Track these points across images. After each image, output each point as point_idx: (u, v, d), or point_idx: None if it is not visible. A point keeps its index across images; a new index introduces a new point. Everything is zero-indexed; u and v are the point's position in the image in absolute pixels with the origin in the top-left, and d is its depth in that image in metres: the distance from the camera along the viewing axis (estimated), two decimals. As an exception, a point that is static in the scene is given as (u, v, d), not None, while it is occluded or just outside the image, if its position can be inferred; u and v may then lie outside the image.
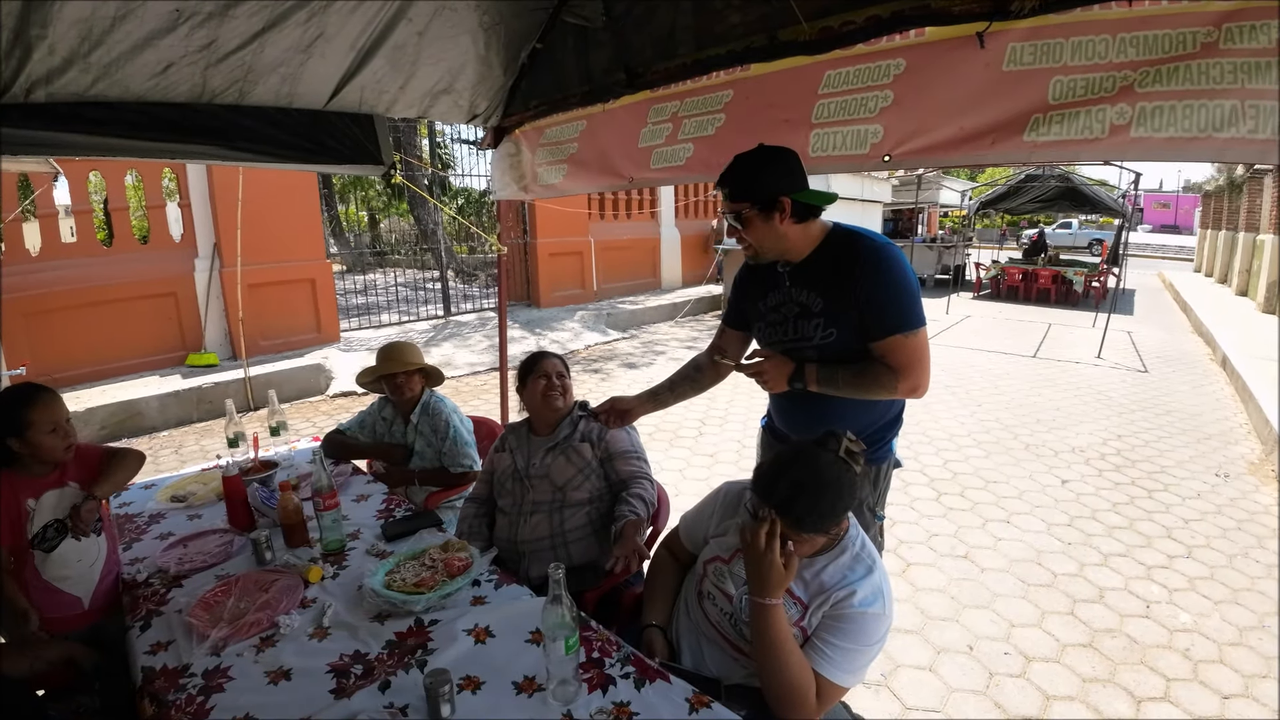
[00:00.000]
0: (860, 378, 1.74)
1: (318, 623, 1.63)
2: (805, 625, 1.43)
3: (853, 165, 1.89)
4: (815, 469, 1.38)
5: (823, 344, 1.77)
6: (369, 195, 21.03)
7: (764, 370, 1.79)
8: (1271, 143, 1.32)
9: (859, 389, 1.76)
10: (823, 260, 1.78)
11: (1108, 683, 2.64)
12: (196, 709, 1.37)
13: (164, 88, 2.16)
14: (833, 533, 1.44)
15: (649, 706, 1.32)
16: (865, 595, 1.40)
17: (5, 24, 1.67)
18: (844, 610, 1.39)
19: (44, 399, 1.83)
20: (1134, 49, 1.47)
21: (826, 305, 1.75)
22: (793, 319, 1.83)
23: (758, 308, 1.95)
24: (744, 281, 2.04)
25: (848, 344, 1.75)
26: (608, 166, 2.57)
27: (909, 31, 1.74)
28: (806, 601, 1.44)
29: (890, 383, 1.72)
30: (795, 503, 1.36)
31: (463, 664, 1.45)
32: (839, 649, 1.38)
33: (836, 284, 1.73)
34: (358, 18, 2.13)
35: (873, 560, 1.46)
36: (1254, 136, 1.33)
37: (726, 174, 1.76)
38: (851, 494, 1.39)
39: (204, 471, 2.67)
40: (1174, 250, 27.23)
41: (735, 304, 2.12)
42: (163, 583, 1.87)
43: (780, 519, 1.35)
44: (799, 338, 1.82)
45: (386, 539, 2.07)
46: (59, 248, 6.59)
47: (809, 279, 1.79)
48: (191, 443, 5.66)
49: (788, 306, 1.84)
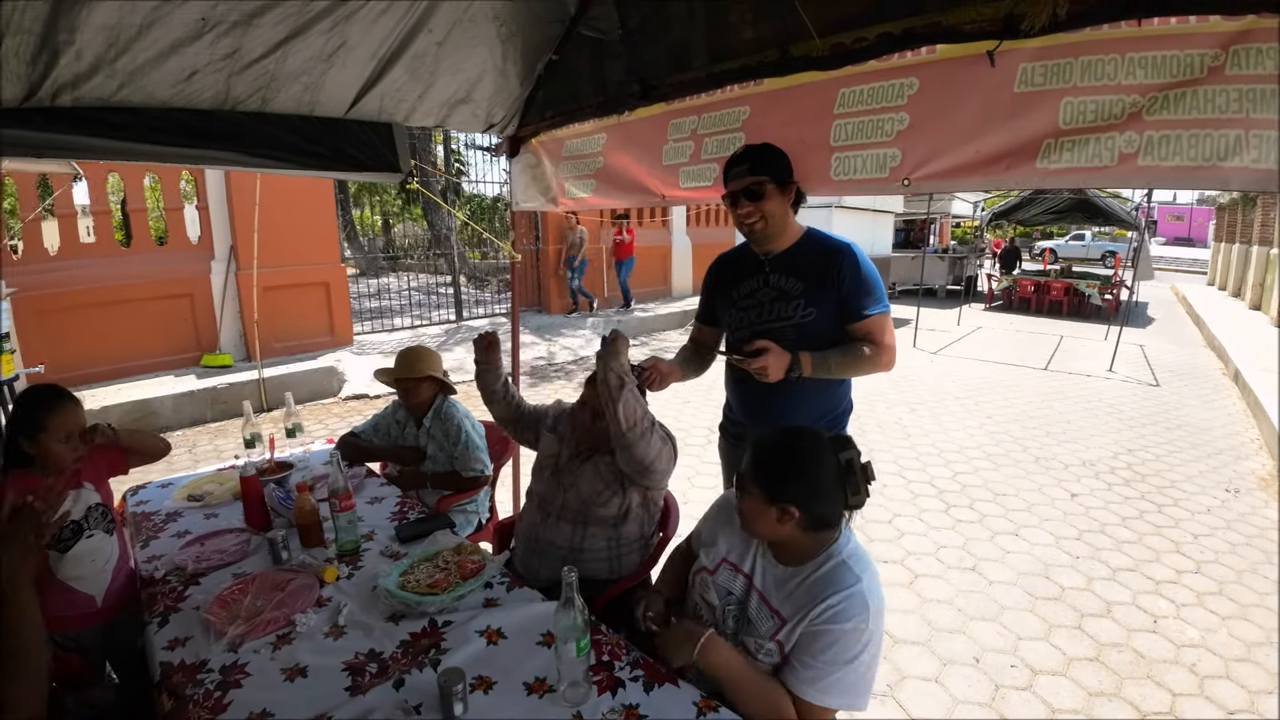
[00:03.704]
0: (848, 357, 1.97)
1: (333, 622, 1.66)
2: (782, 640, 1.39)
3: (875, 189, 1.91)
4: (809, 448, 1.40)
5: (802, 322, 2.01)
6: (383, 199, 21.18)
7: (766, 362, 1.88)
8: (1273, 172, 1.33)
9: (848, 367, 2.00)
10: (803, 252, 2.05)
11: (1114, 697, 2.65)
12: (214, 704, 1.39)
13: (188, 94, 2.18)
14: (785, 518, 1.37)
15: (658, 709, 1.35)
16: (845, 608, 1.33)
17: (32, 29, 1.69)
18: (819, 627, 1.34)
19: (64, 406, 1.84)
20: (1142, 70, 1.49)
21: (807, 289, 2.00)
22: (769, 302, 2.05)
23: (730, 296, 2.16)
24: (714, 277, 2.30)
25: (824, 322, 2.00)
26: (636, 184, 2.60)
27: (921, 49, 1.76)
28: (786, 616, 1.40)
29: (874, 356, 1.98)
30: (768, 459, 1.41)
31: (475, 664, 1.48)
32: (813, 667, 1.33)
33: (818, 273, 1.99)
34: (379, 28, 2.16)
35: (863, 568, 1.40)
36: (1257, 166, 1.34)
37: (747, 151, 1.97)
38: (824, 492, 1.38)
39: (220, 472, 2.72)
40: (1188, 263, 27.03)
41: (706, 301, 2.35)
42: (180, 580, 1.90)
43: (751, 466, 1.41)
44: (776, 318, 2.04)
45: (400, 541, 2.10)
46: (77, 247, 6.68)
47: (790, 267, 2.04)
48: (205, 442, 5.72)
49: (764, 292, 2.07)
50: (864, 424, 6.06)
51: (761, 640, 1.41)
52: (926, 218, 17.38)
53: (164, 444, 2.19)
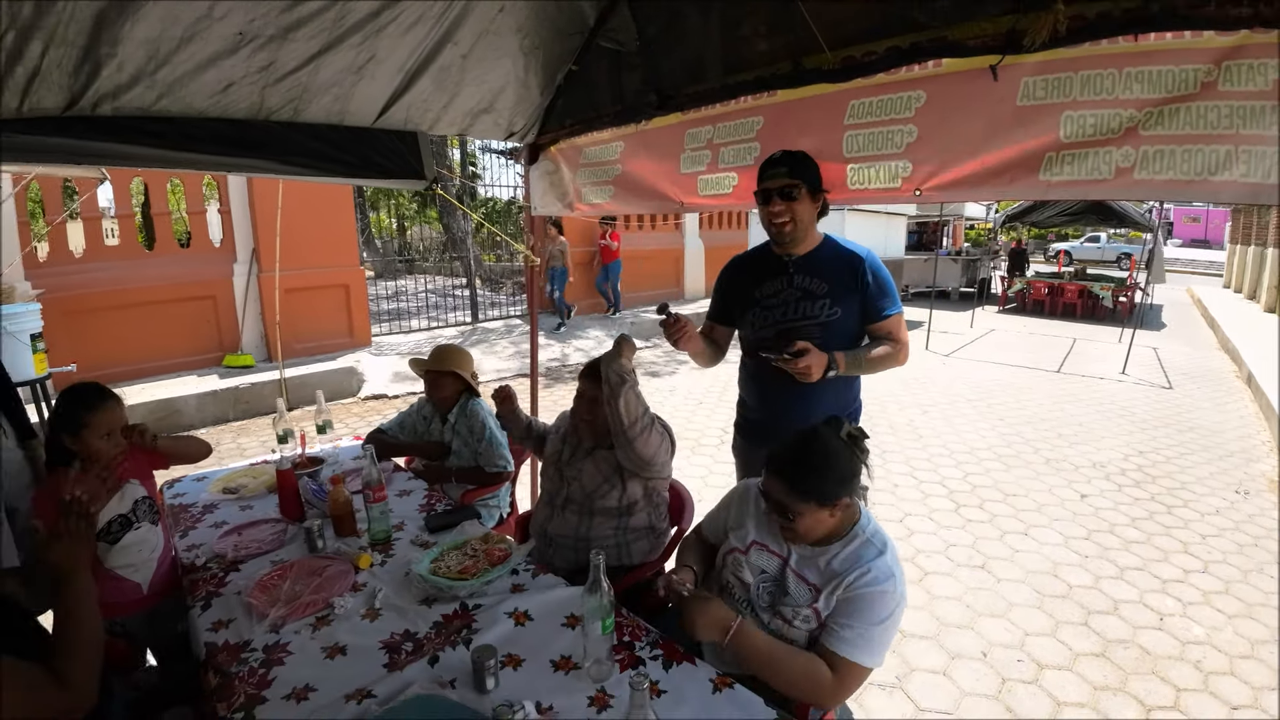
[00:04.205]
0: (875, 354, 2.14)
1: (369, 605, 1.76)
2: (819, 608, 1.54)
3: (888, 198, 2.00)
4: (824, 446, 1.54)
5: (828, 320, 2.14)
6: (399, 203, 21.38)
7: (810, 362, 2.00)
8: (1261, 185, 1.39)
9: (875, 364, 2.15)
10: (827, 256, 2.19)
11: (1119, 691, 2.69)
12: (259, 680, 1.49)
13: (224, 105, 2.28)
14: (836, 509, 1.53)
15: (675, 686, 1.43)
16: (875, 575, 1.50)
17: (76, 42, 1.77)
18: (855, 592, 1.50)
19: (105, 404, 1.92)
20: (1139, 85, 1.55)
21: (831, 289, 2.14)
22: (794, 301, 2.17)
23: (751, 296, 2.27)
24: (729, 278, 2.42)
25: (847, 321, 2.16)
26: (655, 191, 2.69)
27: (927, 63, 1.84)
28: (821, 586, 1.55)
29: (895, 353, 2.17)
30: (801, 473, 1.51)
31: (504, 643, 1.57)
32: (851, 629, 1.47)
33: (842, 275, 2.14)
34: (407, 41, 2.26)
35: (884, 544, 1.57)
36: (1245, 180, 1.40)
37: (785, 156, 2.07)
38: (854, 472, 1.54)
39: (252, 466, 2.84)
40: (1204, 265, 26.80)
41: (720, 301, 2.47)
42: (220, 567, 2.01)
43: (790, 491, 1.51)
44: (802, 316, 2.16)
45: (430, 531, 2.20)
46: (102, 250, 6.84)
47: (814, 269, 2.17)
48: (228, 440, 5.86)
49: (788, 292, 2.19)
50: (876, 425, 6.10)
51: (800, 608, 1.56)
52: (939, 220, 17.35)
53: (205, 447, 2.25)
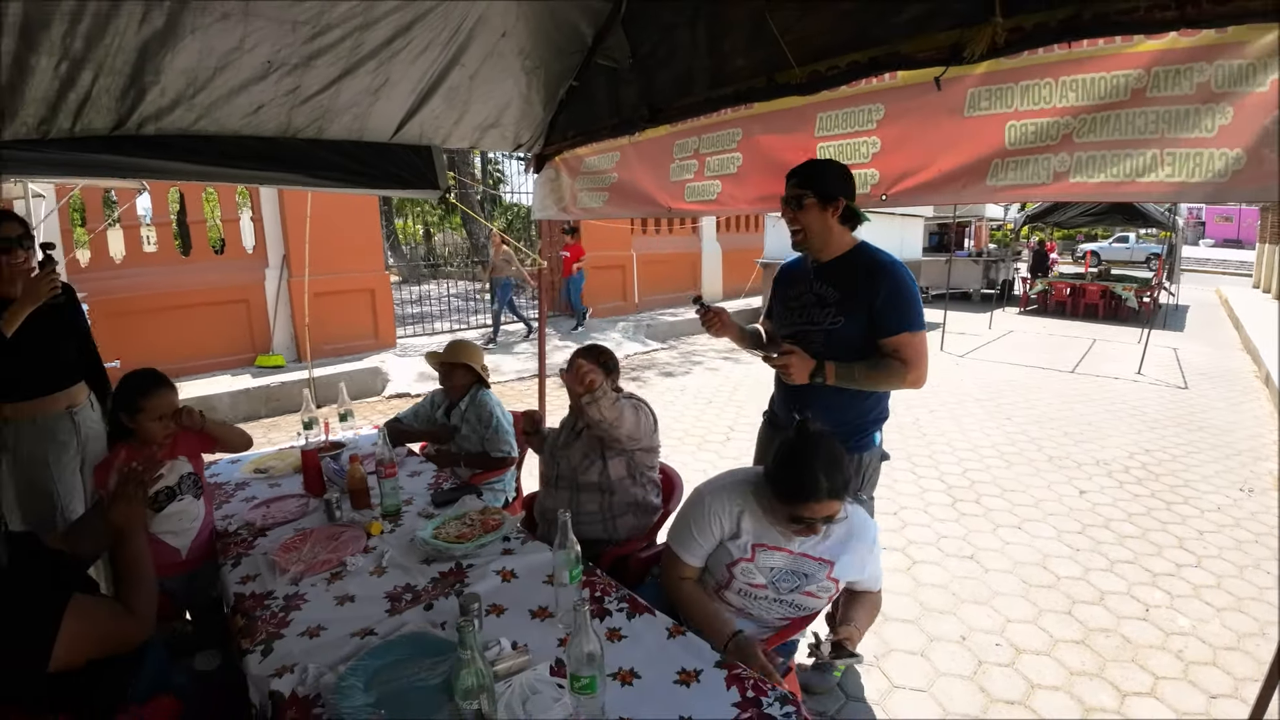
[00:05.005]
0: (875, 370, 2.09)
1: (377, 564, 1.99)
2: (836, 577, 1.81)
3: (859, 203, 2.17)
4: (826, 448, 1.69)
5: (830, 329, 2.14)
6: (424, 210, 21.88)
7: (790, 364, 2.09)
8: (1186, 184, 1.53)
9: (873, 381, 2.13)
10: (849, 264, 2.16)
11: (1095, 677, 2.73)
12: (279, 621, 1.72)
13: (255, 124, 2.53)
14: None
15: (636, 633, 1.63)
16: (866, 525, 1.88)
17: (122, 71, 2.04)
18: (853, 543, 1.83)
19: (159, 389, 2.19)
20: (1074, 93, 1.70)
21: (841, 299, 2.12)
22: (807, 307, 2.20)
23: (784, 296, 2.35)
24: (778, 279, 2.45)
25: (851, 333, 2.11)
26: (646, 197, 2.90)
27: (885, 76, 2.01)
28: (830, 559, 1.80)
29: (901, 372, 2.08)
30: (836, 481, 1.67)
31: (491, 595, 1.79)
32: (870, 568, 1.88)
33: (857, 285, 2.10)
34: (419, 65, 2.49)
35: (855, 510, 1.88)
36: (1170, 180, 1.55)
37: (803, 165, 2.14)
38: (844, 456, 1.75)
39: (281, 450, 3.12)
40: (1235, 265, 26.18)
41: (770, 298, 2.53)
42: (250, 533, 2.26)
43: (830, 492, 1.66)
44: (807, 322, 2.20)
45: (435, 505, 2.43)
46: (141, 256, 7.28)
47: (832, 276, 2.17)
48: (259, 435, 6.15)
49: (806, 296, 2.22)
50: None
51: (820, 581, 1.81)
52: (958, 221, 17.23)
53: (248, 439, 2.51)
